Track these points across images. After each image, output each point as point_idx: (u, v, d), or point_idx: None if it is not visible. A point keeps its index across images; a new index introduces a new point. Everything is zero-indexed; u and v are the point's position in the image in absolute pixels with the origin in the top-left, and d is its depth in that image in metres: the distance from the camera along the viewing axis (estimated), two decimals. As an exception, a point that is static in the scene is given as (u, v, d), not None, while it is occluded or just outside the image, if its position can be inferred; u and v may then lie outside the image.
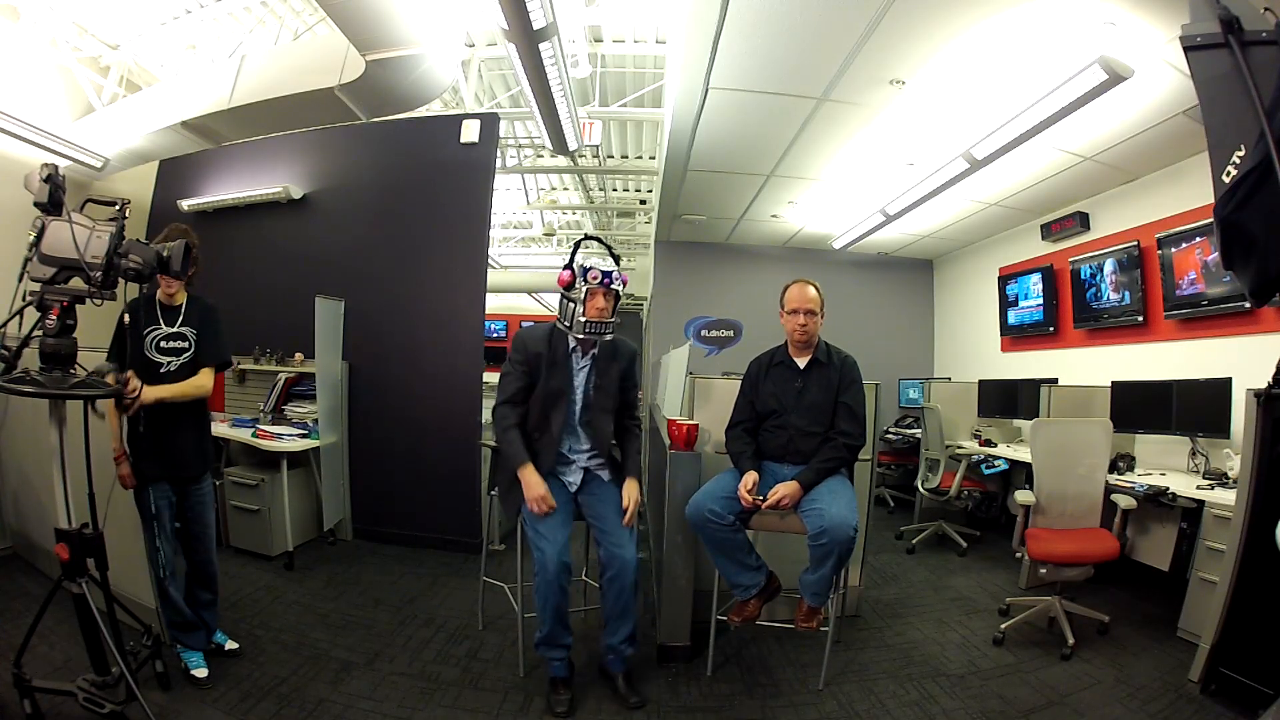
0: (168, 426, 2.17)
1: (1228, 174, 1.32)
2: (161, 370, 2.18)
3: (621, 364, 2.32)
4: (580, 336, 2.16)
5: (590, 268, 2.14)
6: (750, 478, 2.29)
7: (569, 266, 2.17)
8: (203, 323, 2.28)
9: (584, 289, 2.13)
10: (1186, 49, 1.38)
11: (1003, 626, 2.82)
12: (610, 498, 2.27)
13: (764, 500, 2.24)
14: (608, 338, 2.21)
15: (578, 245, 2.20)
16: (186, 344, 2.24)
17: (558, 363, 2.22)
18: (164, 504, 2.19)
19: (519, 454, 2.16)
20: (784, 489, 2.24)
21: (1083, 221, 4.73)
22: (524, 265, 10.95)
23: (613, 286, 2.17)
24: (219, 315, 2.33)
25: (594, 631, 2.54)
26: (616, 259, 2.29)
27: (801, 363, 2.47)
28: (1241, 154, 1.30)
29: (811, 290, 2.46)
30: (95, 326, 1.85)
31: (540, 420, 2.23)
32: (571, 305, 2.16)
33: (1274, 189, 1.22)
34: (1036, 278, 5.17)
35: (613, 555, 2.17)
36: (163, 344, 2.20)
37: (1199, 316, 3.70)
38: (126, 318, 1.92)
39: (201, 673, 2.19)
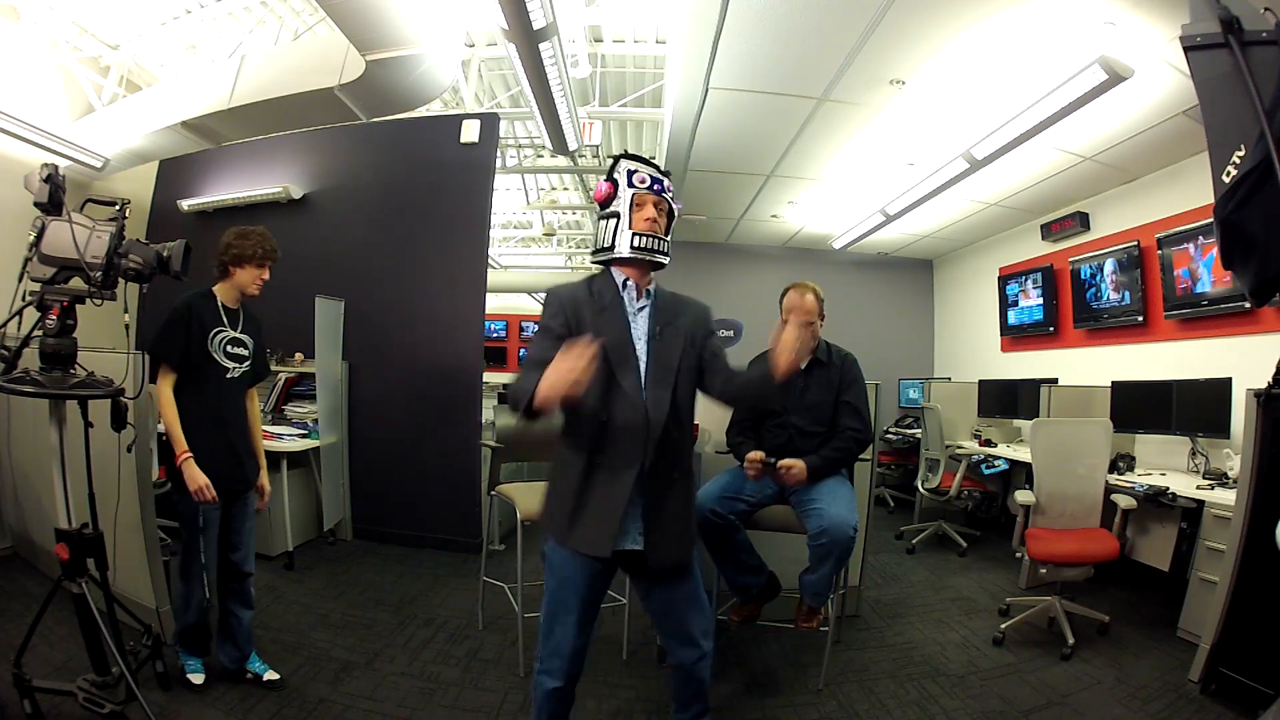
0: (230, 433, 2.10)
1: (1228, 174, 1.32)
2: (227, 376, 2.10)
3: (691, 316, 1.66)
4: (626, 255, 1.55)
5: (636, 170, 1.61)
6: (757, 454, 2.24)
7: (608, 178, 1.62)
8: (258, 333, 2.22)
9: (629, 195, 1.58)
10: (1186, 49, 1.37)
11: (1003, 626, 2.82)
12: (683, 580, 1.62)
13: (775, 463, 2.20)
14: (663, 261, 1.60)
15: (616, 160, 1.65)
16: (246, 352, 2.16)
17: (608, 307, 1.57)
18: (214, 516, 2.06)
19: (531, 382, 1.38)
20: (794, 462, 2.21)
21: (1083, 221, 4.73)
22: (524, 265, 10.94)
23: (665, 196, 1.62)
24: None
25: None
26: (666, 175, 1.68)
27: (802, 363, 2.47)
28: (1241, 154, 1.30)
29: (809, 298, 2.37)
30: (95, 327, 1.85)
31: (606, 400, 1.50)
32: (613, 222, 1.59)
33: (1274, 189, 1.22)
34: (1036, 277, 5.18)
35: (683, 654, 1.64)
36: (229, 348, 2.10)
37: (1199, 316, 3.71)
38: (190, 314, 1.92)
39: (198, 678, 2.13)
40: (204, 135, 4.96)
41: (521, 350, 10.06)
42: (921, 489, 4.37)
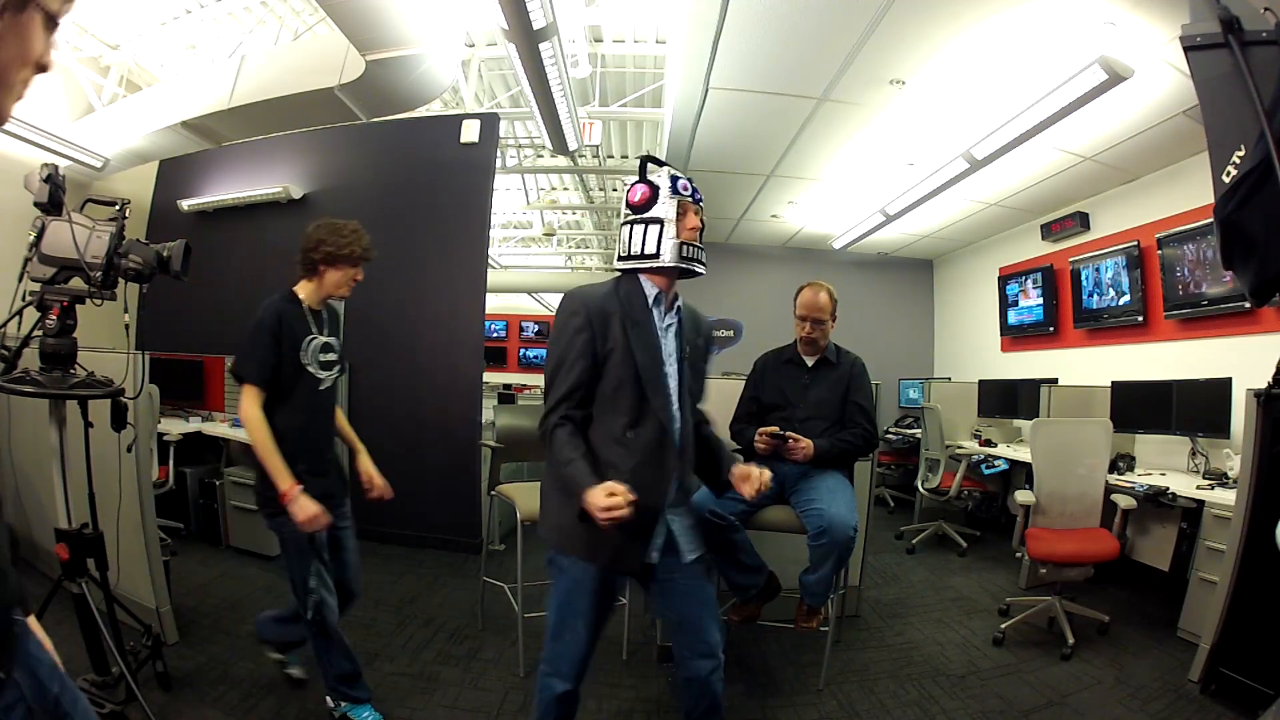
0: (326, 451, 2.00)
1: (1228, 174, 1.32)
2: (320, 387, 1.94)
3: (705, 335, 1.67)
4: (670, 264, 1.50)
5: (679, 176, 1.57)
6: (769, 429, 2.27)
7: (643, 180, 1.57)
8: (340, 330, 2.05)
9: (674, 202, 1.53)
10: (1186, 49, 1.37)
11: (1003, 626, 2.82)
12: (703, 590, 1.59)
13: (786, 436, 2.23)
14: (703, 271, 1.56)
15: (645, 161, 1.61)
16: (335, 356, 2.00)
17: (640, 322, 1.50)
18: (323, 533, 1.87)
19: (585, 478, 1.38)
20: (803, 438, 2.24)
21: (1083, 221, 4.73)
22: (524, 265, 10.95)
23: (701, 205, 1.60)
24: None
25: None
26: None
27: (810, 361, 2.50)
28: (1241, 154, 1.30)
29: (823, 296, 2.43)
30: (95, 327, 1.85)
31: (635, 418, 1.47)
32: (655, 228, 1.52)
33: (1274, 189, 1.21)
34: (1036, 277, 5.18)
35: (700, 665, 1.57)
36: (321, 356, 1.93)
37: (1199, 316, 3.71)
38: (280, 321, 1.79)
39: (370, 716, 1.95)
40: (204, 135, 4.96)
41: (522, 351, 10.04)
42: (921, 489, 4.37)
